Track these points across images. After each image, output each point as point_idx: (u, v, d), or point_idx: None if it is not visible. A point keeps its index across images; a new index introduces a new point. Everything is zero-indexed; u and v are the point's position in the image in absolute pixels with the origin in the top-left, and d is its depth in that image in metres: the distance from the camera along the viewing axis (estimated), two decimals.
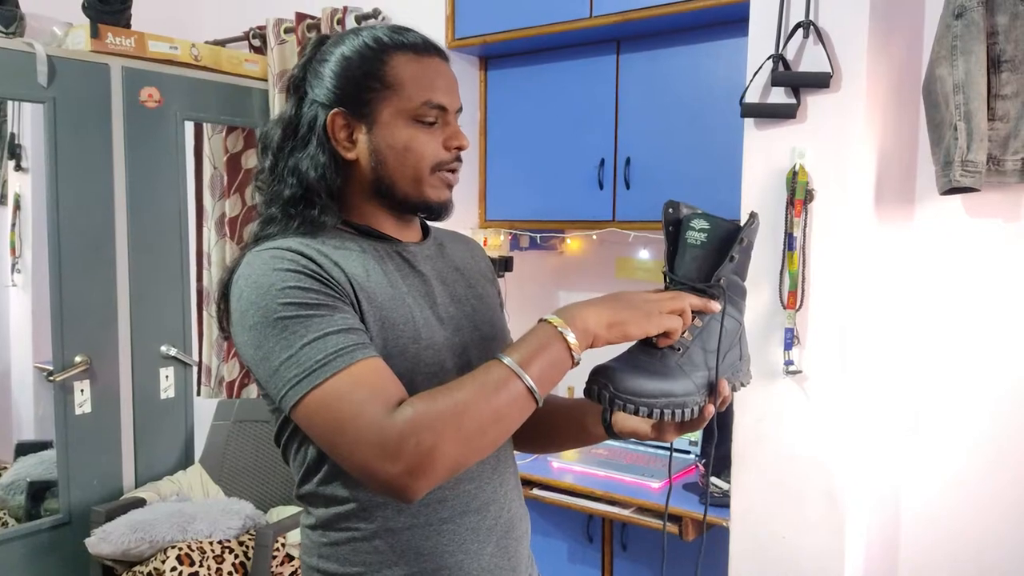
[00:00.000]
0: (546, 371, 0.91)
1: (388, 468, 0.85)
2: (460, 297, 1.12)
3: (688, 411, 0.97)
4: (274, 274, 0.95)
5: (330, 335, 0.91)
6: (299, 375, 0.90)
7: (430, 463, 0.85)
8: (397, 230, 1.11)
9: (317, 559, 1.05)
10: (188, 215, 2.84)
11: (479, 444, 0.89)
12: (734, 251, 1.00)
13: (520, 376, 0.89)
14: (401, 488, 0.86)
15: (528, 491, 2.39)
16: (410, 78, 1.04)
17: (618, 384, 0.94)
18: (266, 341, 0.93)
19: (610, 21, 2.28)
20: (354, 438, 0.87)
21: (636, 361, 0.98)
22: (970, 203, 1.90)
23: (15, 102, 2.85)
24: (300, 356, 0.90)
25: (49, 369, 2.47)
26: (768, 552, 1.92)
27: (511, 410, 0.90)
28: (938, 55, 1.75)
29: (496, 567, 1.08)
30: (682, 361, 0.98)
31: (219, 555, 2.26)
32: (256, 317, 0.94)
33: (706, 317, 1.00)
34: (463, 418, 0.86)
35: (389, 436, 0.85)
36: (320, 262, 0.98)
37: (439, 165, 1.07)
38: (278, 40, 2.86)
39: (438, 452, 0.85)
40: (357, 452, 0.87)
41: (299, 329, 0.91)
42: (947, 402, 1.95)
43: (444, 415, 0.86)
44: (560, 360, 0.91)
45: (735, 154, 1.96)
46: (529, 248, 2.83)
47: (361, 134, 1.05)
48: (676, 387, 0.96)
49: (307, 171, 1.05)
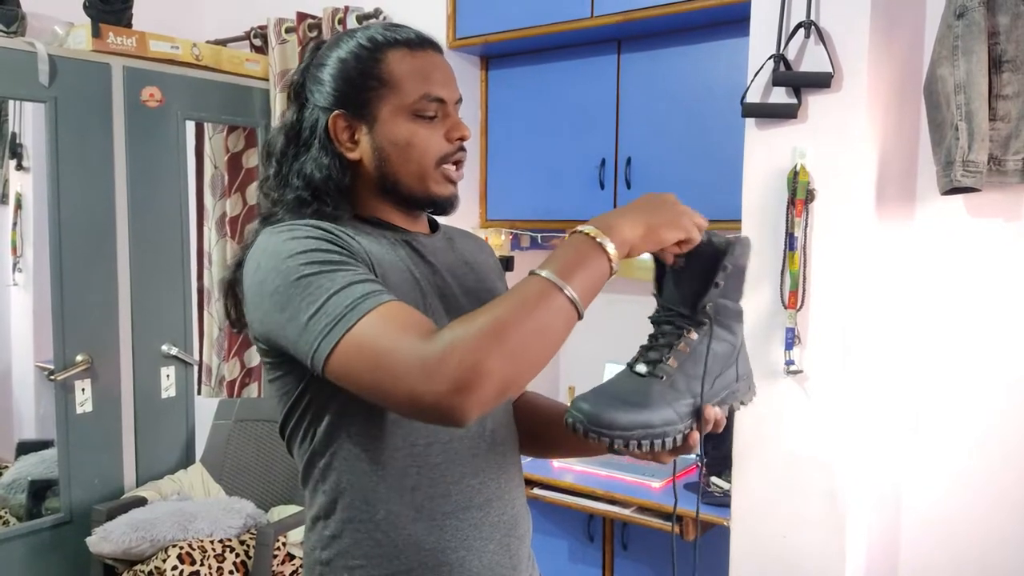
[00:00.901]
0: (587, 282, 0.88)
1: (434, 388, 0.82)
2: (470, 290, 1.12)
3: (668, 441, 0.95)
4: (292, 241, 0.95)
5: (356, 283, 0.90)
6: (330, 323, 0.88)
7: (476, 379, 0.82)
8: (406, 223, 1.12)
9: (320, 551, 1.05)
10: (189, 214, 2.84)
11: (525, 359, 0.86)
12: (719, 278, 0.97)
13: (561, 287, 0.86)
14: (450, 408, 0.83)
15: (529, 490, 2.39)
16: (406, 74, 1.05)
17: (593, 418, 0.92)
18: (291, 301, 0.92)
19: (611, 21, 2.28)
20: (395, 369, 0.85)
21: (617, 390, 0.96)
22: (971, 203, 1.90)
23: (16, 101, 2.85)
24: (328, 306, 0.89)
25: (50, 368, 2.47)
26: (769, 551, 1.92)
27: (554, 323, 0.87)
28: (939, 55, 1.75)
29: (497, 564, 1.08)
30: (665, 390, 0.96)
31: (220, 554, 2.26)
32: (277, 281, 0.93)
33: (692, 341, 0.98)
34: (505, 333, 0.83)
35: (430, 358, 0.83)
36: (336, 232, 0.98)
37: (443, 158, 1.07)
38: (279, 40, 2.86)
39: (483, 367, 0.82)
40: (401, 382, 0.85)
41: (324, 283, 0.90)
42: (948, 401, 1.95)
43: (484, 332, 0.83)
44: (600, 270, 0.90)
45: (736, 154, 1.97)
46: (530, 248, 2.83)
47: (363, 134, 1.06)
48: (654, 417, 0.94)
49: (312, 173, 1.05)
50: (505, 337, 0.83)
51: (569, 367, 2.92)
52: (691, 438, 0.97)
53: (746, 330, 1.06)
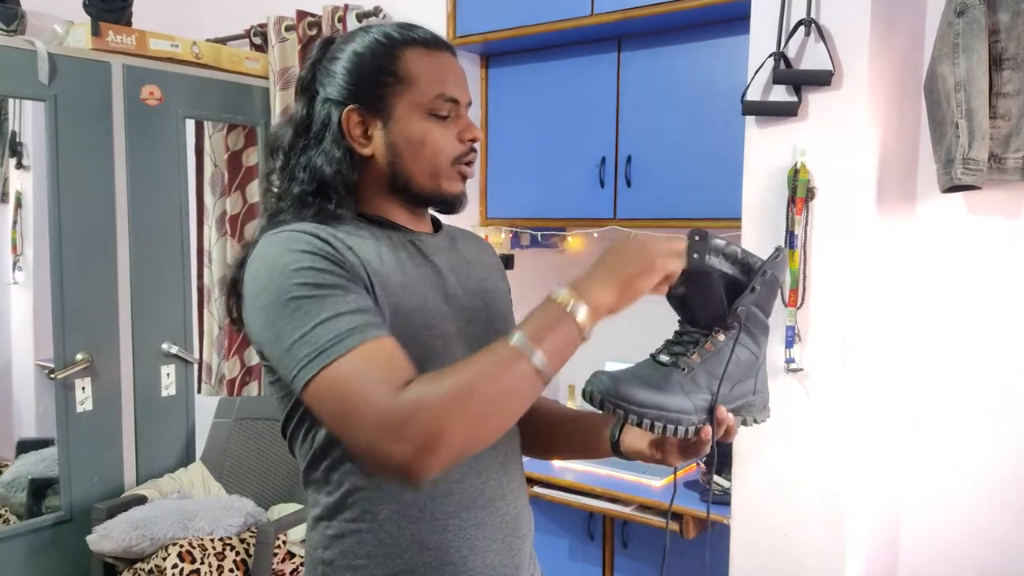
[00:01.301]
0: (557, 349, 0.89)
1: (395, 449, 0.83)
2: (472, 290, 1.12)
3: (681, 429, 0.95)
4: (289, 255, 0.95)
5: (343, 315, 0.90)
6: (310, 354, 0.89)
7: (436, 444, 0.83)
8: (410, 222, 1.12)
9: (322, 551, 1.05)
10: (189, 213, 2.84)
11: (487, 425, 0.88)
12: (756, 282, 0.98)
13: (529, 355, 0.87)
14: (408, 469, 0.84)
15: (529, 488, 2.39)
16: (423, 72, 1.05)
17: (610, 389, 0.93)
18: (278, 321, 0.92)
19: (611, 19, 2.27)
20: (362, 419, 0.86)
21: (637, 371, 0.97)
22: (971, 201, 1.90)
23: (16, 100, 2.85)
24: (312, 336, 0.89)
25: (50, 366, 2.47)
26: (769, 549, 1.92)
27: (519, 390, 0.88)
28: (940, 53, 1.75)
29: (500, 564, 1.08)
30: (684, 380, 0.97)
31: (220, 552, 2.26)
32: (269, 297, 0.93)
33: (719, 342, 0.99)
34: (470, 398, 0.84)
35: (395, 417, 0.84)
36: (335, 245, 0.98)
37: (457, 158, 1.08)
38: (279, 38, 2.86)
39: (445, 432, 0.83)
40: (365, 433, 0.86)
41: (312, 308, 0.90)
42: (948, 400, 1.95)
43: (450, 395, 0.84)
44: (571, 339, 0.90)
45: (736, 152, 1.96)
46: (530, 246, 2.83)
47: (376, 129, 1.06)
48: (670, 402, 0.95)
49: (322, 167, 1.05)
50: (469, 403, 0.84)
51: (569, 367, 2.85)
52: (703, 432, 0.98)
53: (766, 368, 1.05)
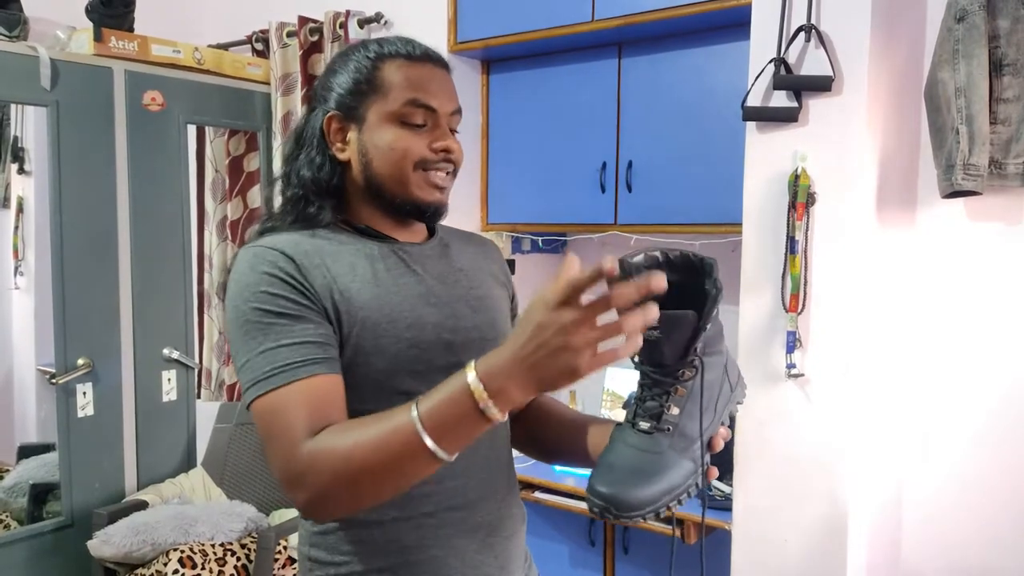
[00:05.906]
0: (459, 435, 0.85)
1: (294, 493, 0.91)
2: (460, 297, 1.12)
3: (692, 489, 0.94)
4: (251, 274, 1.00)
5: (283, 347, 0.95)
6: (250, 381, 0.96)
7: (322, 502, 0.90)
8: (397, 231, 1.13)
9: (308, 548, 1.09)
10: (190, 218, 2.84)
11: (371, 492, 0.90)
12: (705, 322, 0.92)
13: (422, 436, 0.84)
14: (308, 512, 0.93)
15: (530, 494, 2.39)
16: (398, 81, 1.08)
17: (619, 503, 0.89)
18: (235, 341, 0.99)
19: (612, 24, 2.28)
20: (273, 457, 0.94)
21: (629, 462, 0.92)
22: (972, 206, 1.90)
23: (18, 105, 2.85)
24: (253, 363, 0.96)
25: (51, 371, 2.47)
26: (770, 555, 1.92)
27: (407, 466, 0.87)
28: (940, 59, 1.75)
29: (482, 564, 1.09)
30: (675, 442, 0.93)
31: (221, 558, 2.26)
32: (231, 315, 1.00)
33: (688, 384, 0.94)
34: (360, 473, 0.87)
35: (294, 467, 0.90)
36: (302, 263, 1.01)
37: (422, 163, 1.07)
38: (281, 44, 2.86)
39: (328, 493, 0.89)
40: (275, 470, 0.94)
41: (258, 336, 0.97)
42: (949, 405, 1.95)
43: (338, 458, 0.88)
44: (477, 428, 0.85)
45: (737, 157, 1.97)
46: (531, 251, 2.84)
47: (352, 133, 1.09)
48: (674, 479, 0.92)
49: (305, 172, 1.10)
50: (359, 477, 0.88)
51: None
52: (710, 474, 0.98)
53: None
